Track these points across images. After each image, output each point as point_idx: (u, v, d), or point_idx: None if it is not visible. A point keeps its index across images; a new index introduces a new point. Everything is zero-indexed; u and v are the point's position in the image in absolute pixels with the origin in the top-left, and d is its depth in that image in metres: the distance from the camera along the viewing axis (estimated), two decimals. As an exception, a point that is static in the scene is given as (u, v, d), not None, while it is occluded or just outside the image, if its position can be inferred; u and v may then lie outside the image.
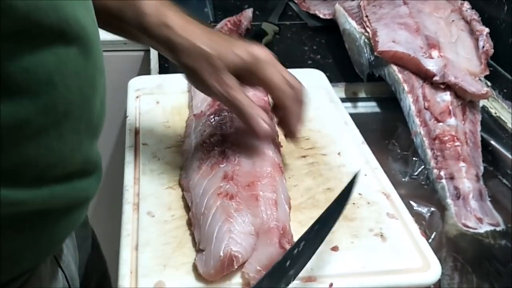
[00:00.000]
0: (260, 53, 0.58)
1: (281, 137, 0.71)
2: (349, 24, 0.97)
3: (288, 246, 0.52)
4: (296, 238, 0.56)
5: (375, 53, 0.89)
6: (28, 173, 0.41)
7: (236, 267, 0.51)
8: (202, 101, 0.73)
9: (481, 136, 0.81)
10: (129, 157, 0.68)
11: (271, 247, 0.52)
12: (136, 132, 0.73)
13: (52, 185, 0.43)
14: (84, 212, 0.50)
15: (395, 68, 0.87)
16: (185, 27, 0.57)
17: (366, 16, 0.95)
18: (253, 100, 0.71)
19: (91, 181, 0.48)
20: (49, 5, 0.37)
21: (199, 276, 0.52)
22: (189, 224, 0.58)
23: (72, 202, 0.46)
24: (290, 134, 0.64)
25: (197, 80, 0.58)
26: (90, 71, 0.43)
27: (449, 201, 0.72)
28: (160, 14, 0.57)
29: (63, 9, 0.39)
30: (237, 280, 0.52)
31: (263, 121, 0.58)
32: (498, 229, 0.68)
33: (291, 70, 0.93)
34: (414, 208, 0.71)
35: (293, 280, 0.49)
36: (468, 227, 0.68)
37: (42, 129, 0.40)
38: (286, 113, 0.61)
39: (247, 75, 0.58)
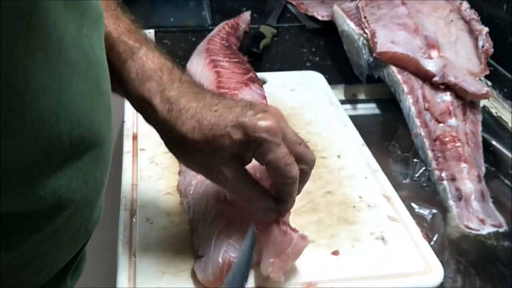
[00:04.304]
0: (265, 128, 0.46)
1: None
2: (348, 25, 0.97)
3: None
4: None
5: (374, 54, 0.88)
6: None
7: (235, 273, 0.51)
8: (200, 105, 0.72)
9: (482, 137, 0.80)
10: (126, 163, 0.67)
11: (271, 234, 0.50)
12: (134, 137, 0.72)
13: None
14: None
15: (394, 69, 0.87)
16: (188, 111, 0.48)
17: (365, 17, 0.95)
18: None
19: None
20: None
21: (198, 283, 0.51)
22: (188, 230, 0.57)
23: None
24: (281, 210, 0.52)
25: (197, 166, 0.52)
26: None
27: (450, 202, 0.71)
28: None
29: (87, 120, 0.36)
30: (236, 286, 0.52)
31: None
32: (500, 230, 0.68)
33: (290, 73, 0.94)
34: (416, 210, 0.70)
35: None
36: (470, 228, 0.67)
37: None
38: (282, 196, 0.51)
39: (248, 153, 0.49)
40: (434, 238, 0.67)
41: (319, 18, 1.15)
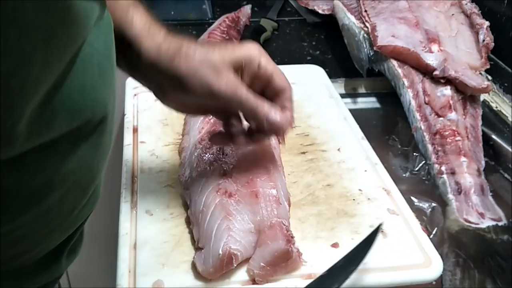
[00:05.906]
0: (255, 49, 0.53)
1: (280, 134, 0.71)
2: (348, 19, 0.97)
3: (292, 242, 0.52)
4: (295, 233, 0.55)
5: (375, 48, 0.88)
6: None
7: (235, 265, 0.51)
8: (200, 98, 0.72)
9: (482, 131, 0.80)
10: (127, 156, 0.67)
11: (275, 243, 0.51)
12: (134, 130, 0.72)
13: None
14: None
15: (394, 63, 0.86)
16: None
17: (365, 11, 0.95)
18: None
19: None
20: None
21: (198, 274, 0.52)
22: (188, 222, 0.58)
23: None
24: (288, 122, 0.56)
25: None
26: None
27: (450, 196, 0.71)
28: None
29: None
30: (236, 278, 0.52)
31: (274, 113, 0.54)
32: (500, 224, 0.68)
33: (290, 66, 0.94)
34: (415, 203, 0.70)
35: None
36: (470, 222, 0.67)
37: None
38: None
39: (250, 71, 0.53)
40: (434, 232, 0.67)
41: (320, 12, 1.15)
